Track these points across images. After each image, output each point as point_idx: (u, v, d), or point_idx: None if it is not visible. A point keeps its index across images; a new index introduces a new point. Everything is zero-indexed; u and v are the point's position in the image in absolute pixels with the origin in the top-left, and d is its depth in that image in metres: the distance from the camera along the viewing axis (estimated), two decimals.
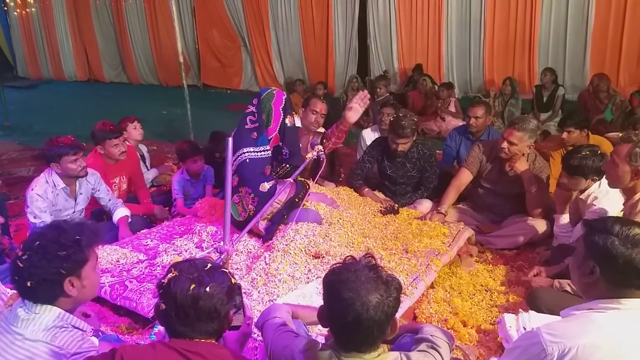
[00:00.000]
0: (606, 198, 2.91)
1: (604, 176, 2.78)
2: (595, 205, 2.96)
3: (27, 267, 1.63)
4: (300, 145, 3.49)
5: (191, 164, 4.14)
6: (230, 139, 2.57)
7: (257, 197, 2.98)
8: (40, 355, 1.60)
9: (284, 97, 3.12)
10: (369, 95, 3.44)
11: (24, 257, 1.64)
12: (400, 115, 3.93)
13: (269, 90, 3.14)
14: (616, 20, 7.66)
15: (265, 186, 2.97)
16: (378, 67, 9.70)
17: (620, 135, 2.62)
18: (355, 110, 3.35)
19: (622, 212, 2.62)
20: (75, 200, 3.47)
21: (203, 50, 11.87)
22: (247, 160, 3.02)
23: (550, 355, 1.37)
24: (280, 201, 3.02)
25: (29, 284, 1.63)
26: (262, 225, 3.05)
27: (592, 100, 6.75)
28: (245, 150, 3.03)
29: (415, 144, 4.00)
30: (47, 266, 1.62)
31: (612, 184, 2.69)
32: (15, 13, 14.33)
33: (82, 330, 1.72)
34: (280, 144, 3.16)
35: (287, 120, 3.12)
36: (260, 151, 3.06)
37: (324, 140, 3.50)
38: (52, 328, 1.64)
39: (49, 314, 1.66)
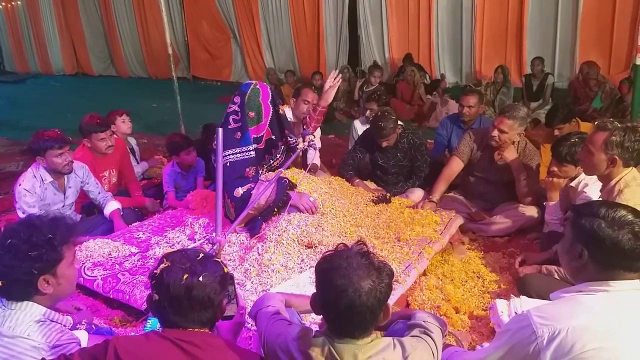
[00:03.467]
0: (596, 185, 2.92)
1: None
2: (585, 193, 2.98)
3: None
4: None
5: (185, 156, 4.12)
6: (220, 129, 2.56)
7: (233, 203, 2.94)
8: (19, 351, 1.57)
9: (269, 89, 3.08)
10: (340, 75, 3.58)
11: None
12: (379, 114, 3.91)
13: (252, 86, 3.05)
14: (606, 8, 7.69)
15: (239, 191, 2.92)
16: (369, 57, 9.69)
17: (596, 123, 2.61)
18: (329, 92, 3.48)
19: (600, 198, 2.63)
20: (65, 194, 3.44)
21: (192, 42, 11.79)
22: (228, 164, 2.94)
23: (541, 338, 1.39)
24: (257, 208, 2.94)
25: (1, 283, 1.61)
26: (239, 229, 3.02)
27: (582, 88, 6.79)
28: (226, 152, 2.94)
29: (405, 133, 4.01)
30: (19, 266, 1.59)
31: (587, 172, 2.70)
32: (1, 7, 14.14)
33: (60, 323, 1.71)
34: (272, 137, 3.13)
35: (281, 110, 3.10)
36: (244, 152, 3.00)
37: (304, 127, 3.51)
38: (30, 323, 1.62)
39: (26, 309, 1.64)
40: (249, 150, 3.02)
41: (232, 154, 2.99)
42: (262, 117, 3.03)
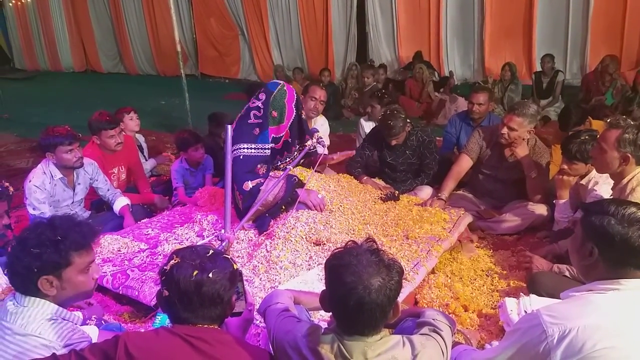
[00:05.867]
0: (606, 183, 2.90)
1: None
2: (596, 191, 2.96)
3: (9, 255, 1.64)
4: None
5: (193, 152, 4.13)
6: (229, 127, 2.56)
7: (241, 195, 2.94)
8: (30, 349, 1.57)
9: (294, 93, 3.07)
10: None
11: (13, 244, 1.65)
12: (388, 113, 3.87)
13: (280, 87, 3.05)
14: (616, 5, 7.61)
15: (248, 185, 2.91)
16: (377, 54, 9.65)
17: (609, 120, 2.59)
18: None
19: (612, 196, 2.61)
20: (74, 191, 3.47)
21: (200, 39, 11.82)
22: (241, 157, 2.94)
23: (551, 337, 1.38)
24: (265, 205, 2.93)
25: (5, 271, 1.65)
26: (248, 225, 3.02)
27: (595, 80, 6.73)
28: (242, 145, 2.95)
29: (414, 131, 3.99)
30: (21, 259, 1.61)
31: (599, 170, 2.69)
32: (11, 4, 14.24)
33: (72, 322, 1.71)
34: (289, 139, 3.12)
35: (302, 115, 3.10)
36: (259, 148, 2.99)
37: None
38: (41, 321, 1.62)
39: (38, 307, 1.64)
40: (265, 148, 3.00)
41: (247, 148, 2.98)
42: (284, 119, 3.02)
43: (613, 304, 1.41)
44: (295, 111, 3.05)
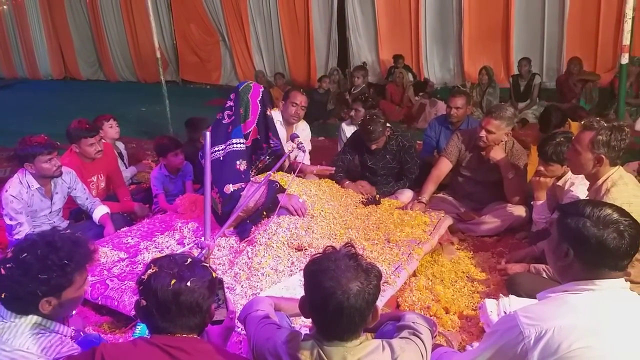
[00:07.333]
0: (582, 184, 2.95)
1: None
2: (572, 191, 3.01)
3: (6, 278, 1.58)
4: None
5: (172, 158, 4.10)
6: (208, 133, 2.55)
7: (221, 199, 2.93)
8: None
9: (261, 90, 3.13)
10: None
11: (7, 265, 1.59)
12: (367, 118, 3.91)
13: (246, 84, 3.14)
14: (591, 9, 7.77)
15: (230, 188, 2.92)
16: (358, 59, 9.69)
17: (582, 122, 2.64)
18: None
19: (587, 197, 2.66)
20: (52, 200, 3.41)
21: (181, 45, 11.75)
22: (221, 158, 2.97)
23: (528, 338, 1.40)
24: (246, 211, 2.93)
25: (3, 295, 1.60)
26: (229, 232, 3.02)
27: (566, 82, 6.90)
28: (218, 147, 3.00)
29: (394, 135, 4.02)
30: (26, 285, 1.57)
31: (575, 171, 2.72)
32: None
33: (60, 333, 1.68)
34: (258, 137, 3.14)
35: (269, 112, 3.13)
36: (234, 144, 3.03)
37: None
38: (29, 336, 1.59)
39: (26, 321, 1.62)
40: (240, 143, 3.04)
41: (223, 149, 3.01)
42: (249, 115, 3.07)
43: (588, 304, 1.43)
44: (260, 107, 3.09)
